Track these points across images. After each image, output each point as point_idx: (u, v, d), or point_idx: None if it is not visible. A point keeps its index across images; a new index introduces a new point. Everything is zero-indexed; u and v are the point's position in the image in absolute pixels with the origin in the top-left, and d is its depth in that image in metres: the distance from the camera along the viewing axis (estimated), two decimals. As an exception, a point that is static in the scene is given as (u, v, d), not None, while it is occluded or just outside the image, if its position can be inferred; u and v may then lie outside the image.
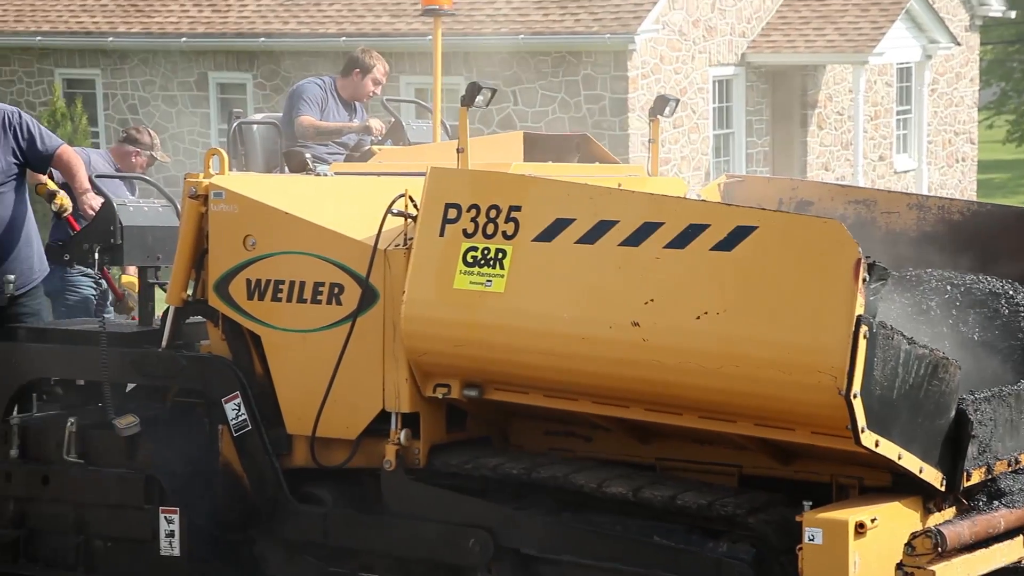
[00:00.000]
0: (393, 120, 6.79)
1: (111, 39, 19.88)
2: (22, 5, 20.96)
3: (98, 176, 5.72)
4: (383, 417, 5.21)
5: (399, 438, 5.15)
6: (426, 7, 6.20)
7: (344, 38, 19.00)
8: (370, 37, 19.01)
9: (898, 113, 21.87)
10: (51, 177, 6.22)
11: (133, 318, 6.27)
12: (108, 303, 6.45)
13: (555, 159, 5.79)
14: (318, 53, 19.20)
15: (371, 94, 7.71)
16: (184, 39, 19.53)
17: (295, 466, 5.38)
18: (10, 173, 6.12)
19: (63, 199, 6.00)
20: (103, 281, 5.81)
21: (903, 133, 22.11)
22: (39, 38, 20.29)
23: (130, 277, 6.79)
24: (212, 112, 19.87)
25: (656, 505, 4.72)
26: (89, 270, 6.06)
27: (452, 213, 5.03)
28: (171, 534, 5.28)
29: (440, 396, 5.12)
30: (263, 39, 19.23)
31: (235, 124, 6.30)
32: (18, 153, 6.12)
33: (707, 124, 19.74)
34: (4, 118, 6.11)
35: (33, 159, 6.17)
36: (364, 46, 8.23)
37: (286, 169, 6.52)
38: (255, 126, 6.59)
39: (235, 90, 19.86)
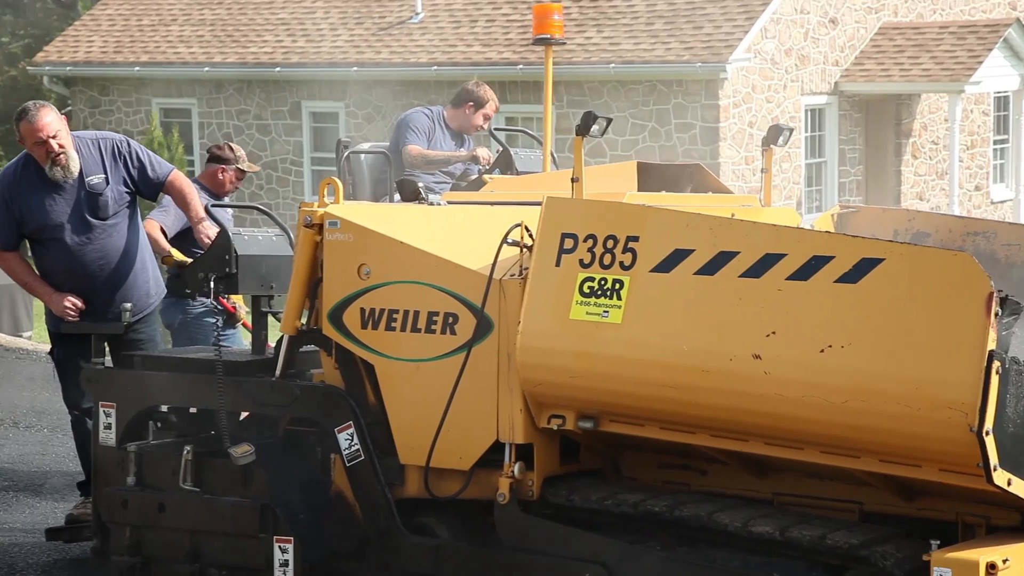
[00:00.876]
0: (501, 149, 6.78)
1: (207, 69, 20.16)
2: (121, 37, 21.33)
3: (214, 205, 5.76)
4: (496, 448, 5.18)
5: (513, 470, 5.11)
6: (537, 36, 6.18)
7: (435, 67, 19.12)
8: (461, 66, 19.11)
9: (995, 142, 21.57)
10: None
11: (244, 323, 6.29)
12: (234, 325, 6.47)
13: (668, 189, 5.74)
14: (409, 82, 19.32)
15: (479, 128, 7.72)
16: (278, 68, 19.74)
17: (407, 496, 5.36)
18: (122, 202, 6.19)
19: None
20: (220, 308, 5.83)
21: (1000, 163, 21.79)
22: (137, 68, 20.63)
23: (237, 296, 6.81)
24: (305, 140, 20.05)
25: (804, 543, 4.61)
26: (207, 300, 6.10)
27: (568, 243, 5.00)
28: (285, 564, 5.28)
29: (555, 427, 5.08)
30: (355, 68, 19.38)
31: (345, 153, 6.31)
32: (129, 182, 6.18)
33: (799, 153, 19.58)
34: (114, 147, 6.18)
35: (144, 186, 6.22)
36: (478, 79, 8.24)
37: (396, 197, 6.53)
38: (363, 155, 6.60)
39: (327, 119, 20.03)
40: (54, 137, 6.03)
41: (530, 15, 20.40)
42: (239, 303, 6.73)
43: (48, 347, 10.00)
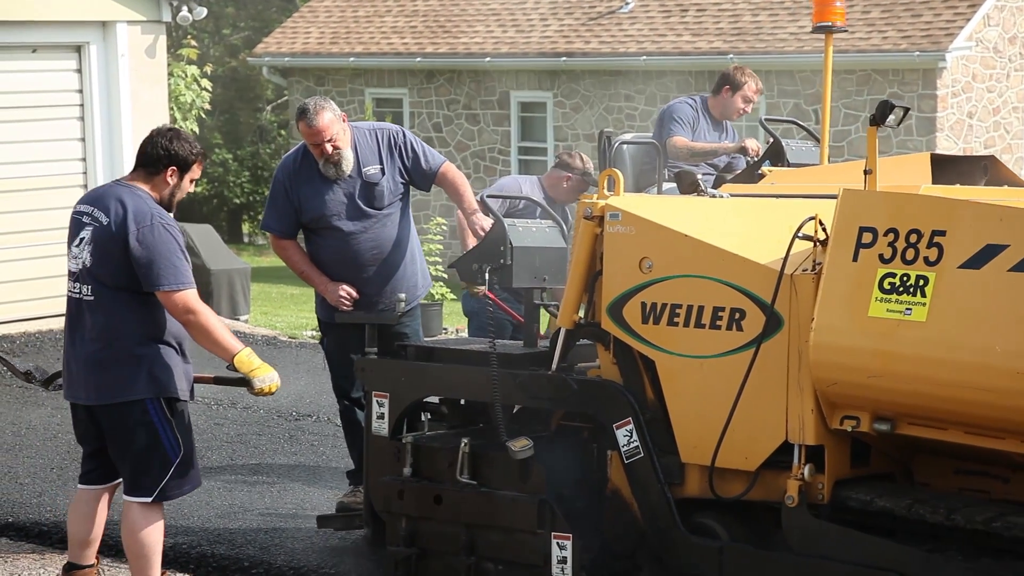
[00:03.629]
0: (772, 140, 6.58)
1: (419, 59, 20.33)
2: (338, 28, 21.66)
3: (488, 195, 5.69)
4: (783, 448, 5.00)
5: (803, 472, 4.92)
6: (818, 24, 5.96)
7: (644, 57, 18.94)
8: (670, 56, 18.90)
9: None
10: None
11: (516, 317, 6.20)
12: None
13: (962, 182, 5.48)
14: (618, 72, 19.19)
15: (741, 112, 7.52)
16: (488, 59, 19.79)
17: (686, 496, 5.22)
18: (397, 193, 6.18)
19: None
20: (491, 303, 5.75)
21: None
22: (352, 59, 20.92)
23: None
24: (513, 130, 20.08)
25: None
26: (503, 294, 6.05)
27: (867, 237, 4.79)
28: (563, 560, 5.18)
29: (848, 429, 4.88)
30: (564, 59, 19.32)
31: (615, 144, 6.19)
32: (404, 172, 6.16)
33: (1021, 145, 18.89)
34: (390, 138, 6.16)
35: (418, 177, 6.20)
36: (737, 63, 8.05)
37: (654, 190, 6.39)
38: (625, 146, 6.48)
39: (535, 108, 20.03)
40: (329, 141, 6.05)
41: (741, 3, 20.10)
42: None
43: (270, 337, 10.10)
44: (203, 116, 17.44)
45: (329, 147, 6.04)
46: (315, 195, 6.12)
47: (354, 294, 6.13)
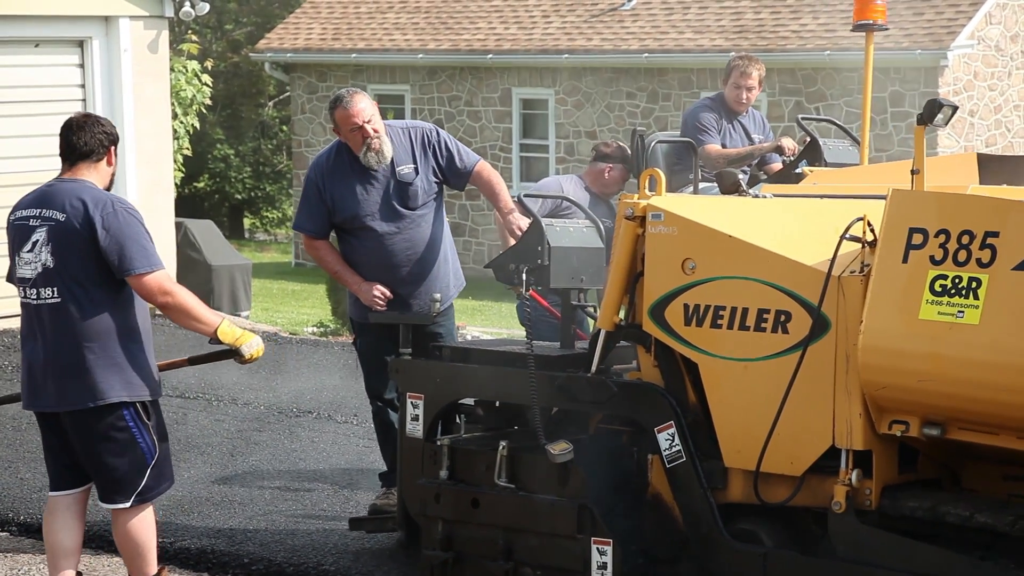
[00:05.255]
0: (809, 139, 6.50)
1: (421, 56, 20.25)
2: (340, 24, 21.56)
3: (526, 195, 5.60)
4: (830, 453, 4.92)
5: (850, 478, 4.84)
6: (858, 22, 5.88)
7: (646, 55, 18.87)
8: (672, 53, 18.83)
9: None
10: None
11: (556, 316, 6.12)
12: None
13: (1010, 182, 5.41)
14: (620, 69, 19.12)
15: (741, 100, 7.43)
16: (490, 56, 19.72)
17: (729, 500, 5.13)
18: (431, 192, 6.08)
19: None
20: (532, 301, 5.66)
21: None
22: (354, 55, 20.83)
23: None
24: (514, 127, 20.00)
25: None
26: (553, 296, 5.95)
27: (917, 238, 4.71)
28: (603, 566, 5.09)
29: (897, 434, 4.80)
30: (567, 55, 19.25)
31: (651, 144, 6.10)
32: (437, 171, 6.07)
33: (1022, 144, 18.86)
34: (424, 136, 6.07)
35: (452, 176, 6.11)
36: (742, 52, 7.95)
37: (688, 190, 6.30)
38: (657, 144, 6.39)
39: (537, 105, 19.95)
40: (368, 122, 5.95)
41: (744, 1, 20.03)
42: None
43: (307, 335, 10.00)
44: (203, 111, 17.32)
45: (369, 129, 5.94)
46: (349, 195, 6.03)
47: (388, 294, 6.04)
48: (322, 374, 10.06)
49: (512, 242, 5.68)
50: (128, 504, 5.11)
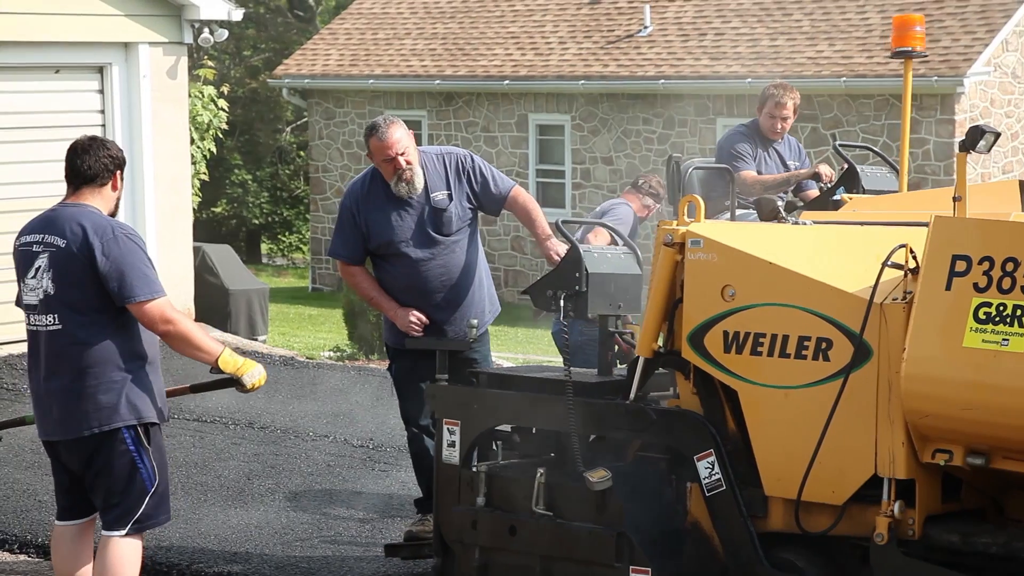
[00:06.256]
0: (846, 166, 6.48)
1: (438, 82, 20.29)
2: (357, 50, 21.62)
3: (564, 221, 5.58)
4: (871, 482, 4.88)
5: (892, 508, 4.80)
6: (897, 49, 5.87)
7: (663, 81, 18.88)
8: (688, 79, 18.84)
9: None
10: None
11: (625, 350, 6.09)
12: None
13: (1052, 208, 5.39)
14: (636, 96, 19.13)
15: (776, 130, 7.43)
16: (507, 82, 19.75)
17: (769, 529, 5.09)
18: (465, 218, 6.08)
19: None
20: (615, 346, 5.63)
21: None
22: (371, 81, 20.87)
23: None
24: (531, 152, 20.02)
25: None
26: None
27: (960, 266, 4.69)
28: (642, 595, 5.06)
29: (941, 463, 4.76)
30: (583, 82, 19.27)
31: (688, 170, 6.09)
32: (472, 197, 6.06)
33: (1042, 171, 18.86)
34: (458, 162, 6.06)
35: (487, 202, 6.10)
36: (778, 80, 7.96)
37: (725, 216, 6.28)
38: (693, 171, 6.37)
39: (553, 131, 19.97)
40: (402, 154, 5.95)
41: (759, 28, 20.05)
42: None
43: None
44: (220, 136, 17.36)
45: (402, 161, 5.94)
46: (383, 221, 6.02)
47: (424, 320, 6.02)
48: (338, 398, 10.06)
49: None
50: (124, 532, 5.04)
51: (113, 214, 5.17)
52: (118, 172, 5.16)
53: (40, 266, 5.02)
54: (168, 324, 5.00)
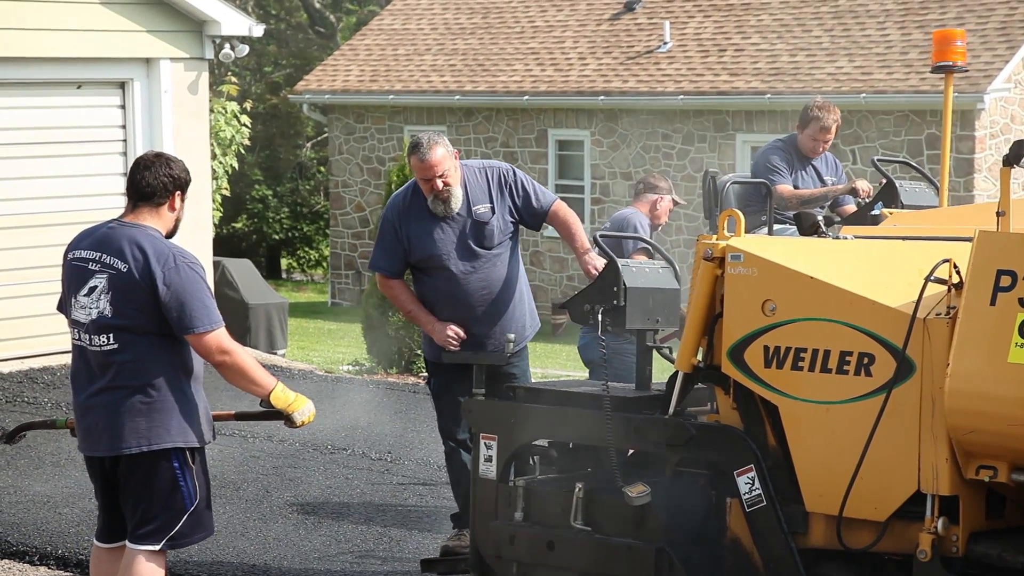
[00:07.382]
0: (885, 181, 6.46)
1: (457, 97, 20.32)
2: (377, 66, 21.66)
3: (601, 235, 5.57)
4: (914, 498, 4.85)
5: (936, 525, 4.77)
6: (937, 63, 5.85)
7: (682, 97, 18.89)
8: (708, 95, 18.84)
9: None
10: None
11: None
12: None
13: (1096, 224, 5.35)
14: (655, 112, 19.13)
15: (815, 150, 7.43)
16: (526, 97, 19.77)
17: (809, 546, 5.06)
18: (507, 232, 6.08)
19: None
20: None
21: None
22: (391, 97, 20.91)
23: None
24: (550, 167, 20.04)
25: None
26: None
27: (1005, 281, 4.66)
28: (681, 611, 5.02)
29: (985, 479, 4.72)
30: (602, 98, 19.28)
31: (726, 184, 6.07)
32: (514, 211, 6.06)
33: (1061, 188, 18.80)
34: (500, 176, 6.06)
35: (528, 216, 6.10)
36: (819, 99, 7.97)
37: (762, 231, 6.26)
38: (729, 185, 6.35)
39: (573, 147, 19.99)
40: (440, 176, 5.96)
41: (779, 44, 20.05)
42: None
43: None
44: (242, 152, 17.39)
45: (440, 183, 5.95)
46: (425, 234, 6.01)
47: (462, 334, 6.01)
48: (357, 412, 10.08)
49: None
50: (158, 547, 5.02)
51: (171, 235, 5.10)
52: (178, 192, 5.06)
53: (97, 287, 4.96)
54: (224, 355, 4.97)
